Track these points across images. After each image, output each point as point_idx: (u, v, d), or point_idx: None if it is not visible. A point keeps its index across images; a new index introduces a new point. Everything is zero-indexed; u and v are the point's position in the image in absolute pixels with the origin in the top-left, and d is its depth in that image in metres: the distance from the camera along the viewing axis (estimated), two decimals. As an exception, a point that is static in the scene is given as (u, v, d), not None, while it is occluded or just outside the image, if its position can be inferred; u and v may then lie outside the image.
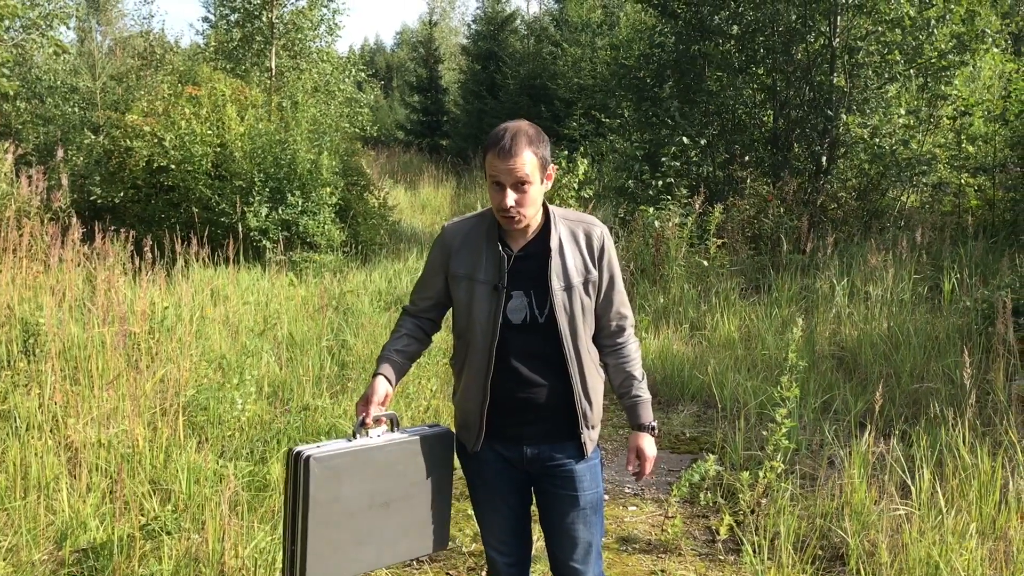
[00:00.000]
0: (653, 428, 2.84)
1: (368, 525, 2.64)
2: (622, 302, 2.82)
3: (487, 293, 2.69)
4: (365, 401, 2.68)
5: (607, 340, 2.83)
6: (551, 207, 2.78)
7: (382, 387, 2.71)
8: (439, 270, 2.81)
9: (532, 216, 2.66)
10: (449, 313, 2.89)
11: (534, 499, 2.90)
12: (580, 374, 2.71)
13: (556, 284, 2.67)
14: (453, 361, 2.85)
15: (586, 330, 2.74)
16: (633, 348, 2.86)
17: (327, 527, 2.55)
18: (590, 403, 2.75)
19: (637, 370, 2.85)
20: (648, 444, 2.83)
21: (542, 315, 2.68)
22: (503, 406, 2.71)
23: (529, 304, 2.68)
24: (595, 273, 2.72)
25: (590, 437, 2.78)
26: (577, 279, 2.69)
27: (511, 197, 2.58)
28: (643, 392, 2.85)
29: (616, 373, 2.85)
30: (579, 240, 2.72)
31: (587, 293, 2.71)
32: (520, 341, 2.69)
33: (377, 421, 2.68)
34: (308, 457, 2.49)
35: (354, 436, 2.64)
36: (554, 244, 2.69)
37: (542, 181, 2.65)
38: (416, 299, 2.91)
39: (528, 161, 2.57)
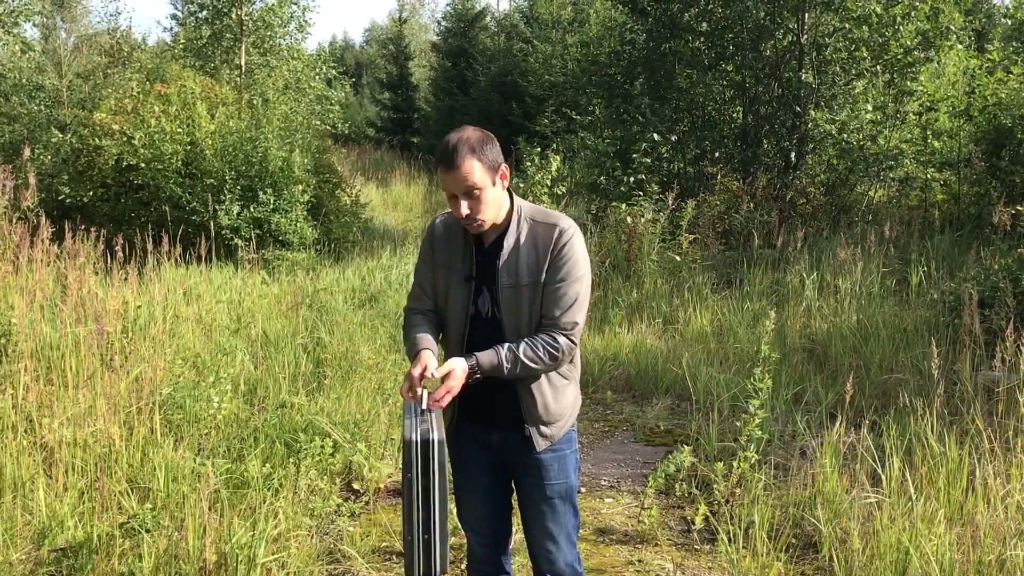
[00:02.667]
0: (474, 365, 2.67)
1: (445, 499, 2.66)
2: (562, 306, 2.71)
3: (460, 283, 2.81)
4: (420, 370, 2.66)
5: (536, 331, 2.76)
6: (522, 204, 2.82)
7: (431, 359, 2.72)
8: (428, 262, 2.90)
9: (493, 218, 2.73)
10: None
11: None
12: None
13: (504, 280, 2.73)
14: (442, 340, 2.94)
15: (535, 328, 2.74)
16: (539, 338, 2.70)
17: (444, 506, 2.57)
18: (535, 400, 2.77)
19: (523, 343, 2.69)
20: (456, 362, 2.66)
21: (498, 309, 2.76)
22: (471, 391, 2.73)
23: (491, 298, 2.77)
24: (546, 274, 2.72)
25: (539, 433, 2.80)
26: (527, 278, 2.71)
27: (465, 206, 2.66)
28: (504, 348, 2.69)
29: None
30: (538, 240, 2.74)
31: (538, 293, 2.72)
32: (482, 333, 2.77)
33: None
34: (439, 440, 2.50)
35: (423, 413, 2.63)
36: (508, 242, 2.74)
37: (494, 183, 2.69)
38: (416, 292, 2.95)
39: (474, 169, 2.63)
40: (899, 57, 10.84)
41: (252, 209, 10.67)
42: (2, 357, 5.29)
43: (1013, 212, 8.84)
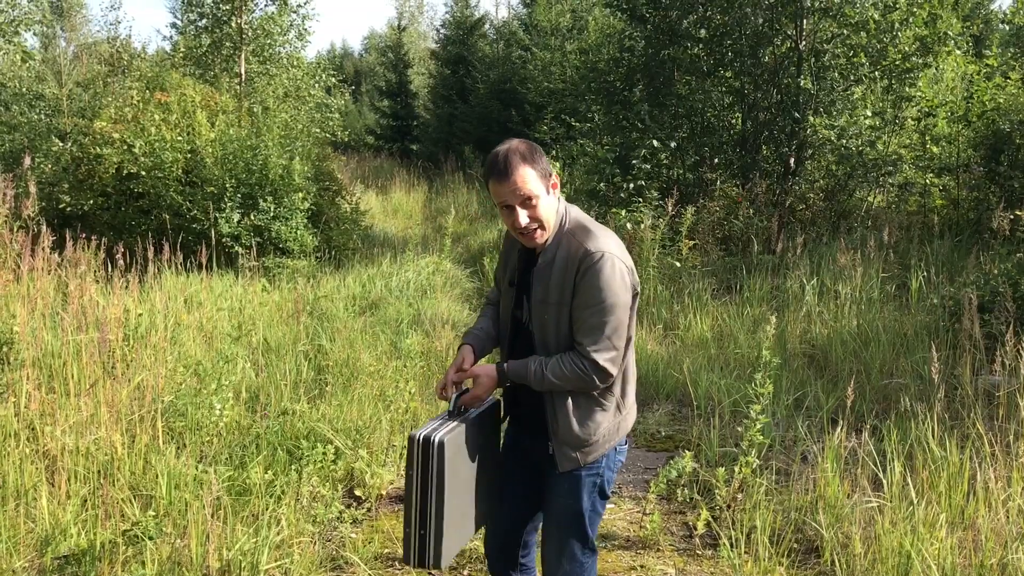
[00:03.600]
0: (503, 371, 2.75)
1: (468, 498, 2.76)
2: (586, 331, 2.65)
3: (507, 288, 2.91)
4: (455, 370, 2.83)
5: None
6: (570, 214, 2.76)
7: (468, 355, 2.87)
8: (500, 260, 3.05)
9: (553, 224, 2.71)
10: None
11: None
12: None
13: (537, 294, 2.72)
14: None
15: (563, 347, 2.71)
16: (569, 358, 2.68)
17: (450, 505, 2.62)
18: (558, 419, 2.73)
19: (553, 360, 2.69)
20: (483, 369, 2.77)
21: (530, 320, 2.79)
22: (514, 392, 2.87)
23: (528, 307, 2.80)
24: (570, 295, 2.66)
25: (561, 452, 2.75)
26: (555, 297, 2.67)
27: (523, 216, 2.63)
28: (534, 362, 2.71)
29: None
30: (570, 260, 2.66)
31: (564, 314, 2.68)
32: (525, 339, 2.83)
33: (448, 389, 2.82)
34: (439, 441, 2.56)
35: (451, 414, 2.72)
36: (546, 257, 2.71)
37: (548, 191, 2.68)
38: (492, 289, 3.17)
39: (528, 176, 2.60)
40: (897, 63, 10.87)
41: (252, 217, 10.67)
42: (4, 365, 5.30)
43: (1012, 217, 8.85)
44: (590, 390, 2.71)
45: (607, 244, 2.66)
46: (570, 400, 2.73)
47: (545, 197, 2.66)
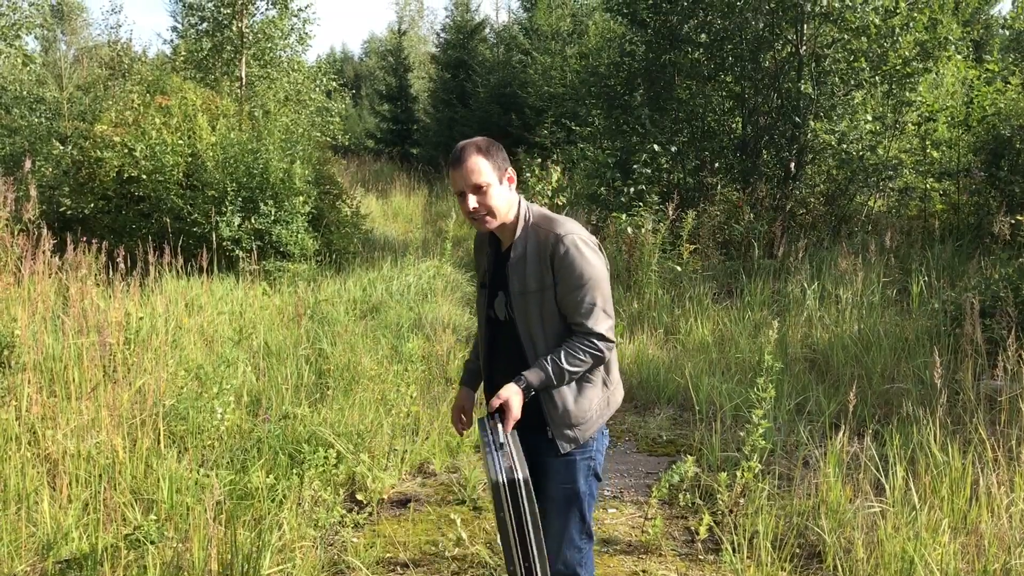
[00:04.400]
0: (526, 387, 2.77)
1: None
2: (582, 312, 2.78)
3: (479, 289, 3.08)
4: (457, 413, 3.19)
5: (568, 337, 2.83)
6: (531, 210, 2.91)
7: (467, 401, 3.19)
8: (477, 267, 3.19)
9: (503, 214, 2.84)
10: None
11: None
12: None
13: (515, 287, 2.85)
14: None
15: (547, 335, 2.84)
16: (577, 344, 2.79)
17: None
18: (555, 403, 2.84)
19: (562, 352, 2.78)
20: (509, 392, 2.76)
21: (512, 314, 2.89)
22: (498, 389, 2.85)
23: (506, 303, 2.91)
24: (550, 279, 2.80)
25: (563, 435, 2.86)
26: (534, 285, 2.81)
27: (472, 200, 2.78)
28: (547, 361, 2.78)
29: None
30: (541, 247, 2.82)
31: (547, 300, 2.82)
32: (503, 337, 2.96)
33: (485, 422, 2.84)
34: (524, 478, 2.59)
35: (500, 447, 2.70)
36: (517, 250, 2.85)
37: (501, 182, 2.82)
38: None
39: (479, 165, 2.77)
40: (898, 68, 10.88)
41: (253, 220, 10.67)
42: (5, 369, 5.30)
43: (1012, 222, 8.86)
44: (600, 365, 2.88)
45: (573, 227, 2.84)
46: (572, 387, 2.88)
47: (497, 187, 2.80)
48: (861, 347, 6.89)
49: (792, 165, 11.37)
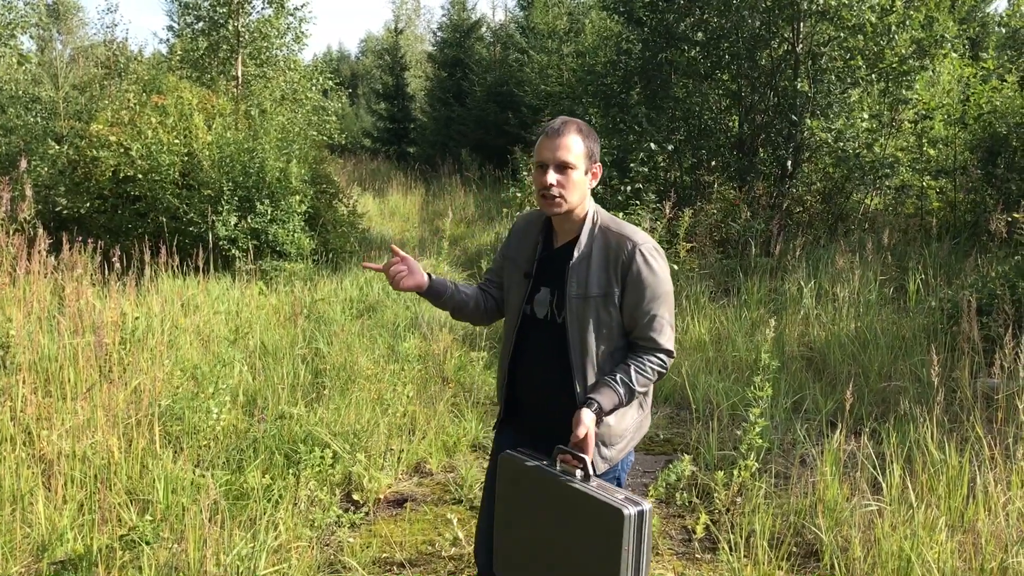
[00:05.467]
0: (598, 411, 2.59)
1: None
2: (654, 328, 2.65)
3: (520, 279, 2.82)
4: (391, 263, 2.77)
5: (629, 352, 2.72)
6: (599, 212, 2.75)
7: (417, 269, 2.78)
8: (503, 251, 2.96)
9: (575, 203, 2.67)
10: None
11: None
12: (584, 383, 2.65)
13: (573, 290, 2.66)
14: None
15: (600, 343, 2.65)
16: (646, 361, 2.66)
17: None
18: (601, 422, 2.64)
19: (632, 370, 2.65)
20: (583, 418, 2.55)
21: (559, 316, 2.70)
22: (521, 395, 2.80)
23: (551, 302, 2.73)
24: (617, 289, 2.64)
25: (600, 455, 2.67)
26: (596, 290, 2.64)
27: (552, 176, 2.62)
28: (617, 382, 2.62)
29: (618, 365, 2.70)
30: (610, 252, 2.65)
31: (606, 307, 2.64)
32: (539, 336, 2.76)
33: (569, 460, 2.54)
34: (650, 508, 2.39)
35: (588, 478, 2.49)
36: (580, 250, 2.68)
37: (586, 171, 2.68)
38: (485, 275, 3.06)
39: (573, 144, 2.63)
40: (894, 66, 10.88)
41: (249, 220, 10.65)
42: (0, 369, 5.28)
43: (1009, 219, 8.86)
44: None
45: (646, 237, 2.70)
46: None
47: (581, 174, 2.66)
48: (858, 345, 6.89)
49: (789, 163, 11.37)
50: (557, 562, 2.51)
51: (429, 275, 2.80)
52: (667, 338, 2.67)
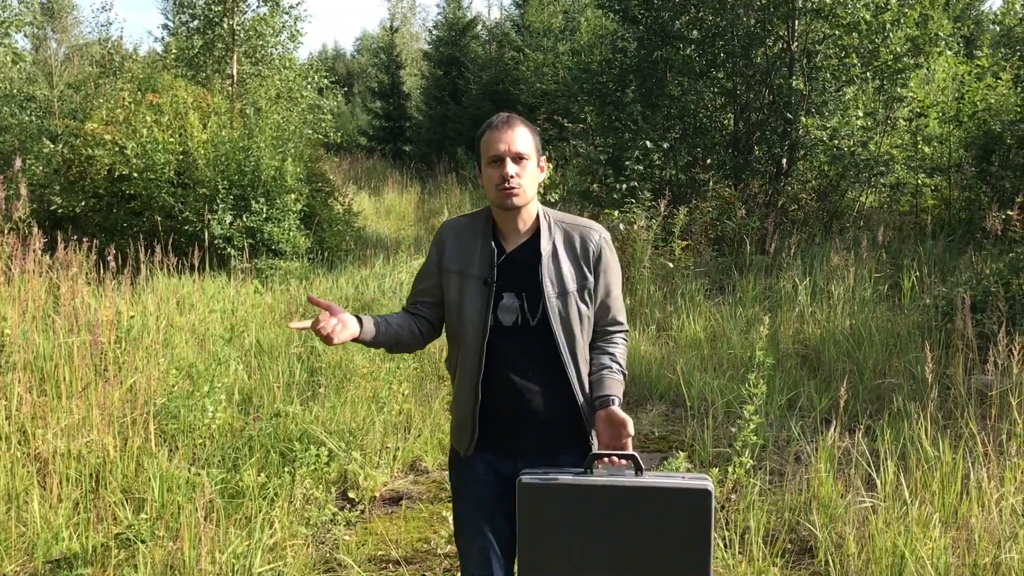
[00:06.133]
0: (619, 401, 2.60)
1: None
2: (619, 309, 2.73)
3: (478, 289, 2.62)
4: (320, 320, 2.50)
5: (596, 340, 2.72)
6: (546, 209, 2.72)
7: (348, 318, 2.53)
8: (433, 267, 2.73)
9: (531, 196, 2.61)
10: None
11: None
12: (578, 378, 2.62)
13: (550, 289, 2.59)
14: (448, 363, 2.77)
15: (583, 337, 2.64)
16: (620, 342, 2.74)
17: None
18: (591, 408, 2.63)
19: (618, 355, 2.69)
20: (622, 414, 2.54)
21: (534, 318, 2.60)
22: (495, 412, 2.62)
23: (521, 307, 2.61)
24: (591, 280, 2.64)
25: (578, 450, 2.64)
26: (572, 285, 2.61)
27: (511, 167, 2.54)
28: (616, 371, 2.65)
29: (598, 356, 2.69)
30: (575, 245, 2.65)
31: (583, 300, 2.63)
32: (511, 345, 2.61)
33: (614, 461, 2.48)
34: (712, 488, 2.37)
35: (641, 471, 2.42)
36: (546, 248, 2.62)
37: (538, 163, 2.63)
38: (411, 298, 2.80)
39: (525, 136, 2.58)
40: (889, 63, 10.90)
41: (245, 218, 10.65)
42: (-5, 368, 5.28)
43: (1003, 217, 8.88)
44: None
45: (600, 225, 2.74)
46: (581, 393, 2.65)
47: (534, 166, 2.61)
48: (853, 342, 6.90)
49: (784, 161, 11.38)
50: (626, 572, 2.42)
51: (358, 317, 2.59)
52: (625, 315, 2.77)
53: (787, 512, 4.45)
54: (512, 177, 2.53)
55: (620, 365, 2.68)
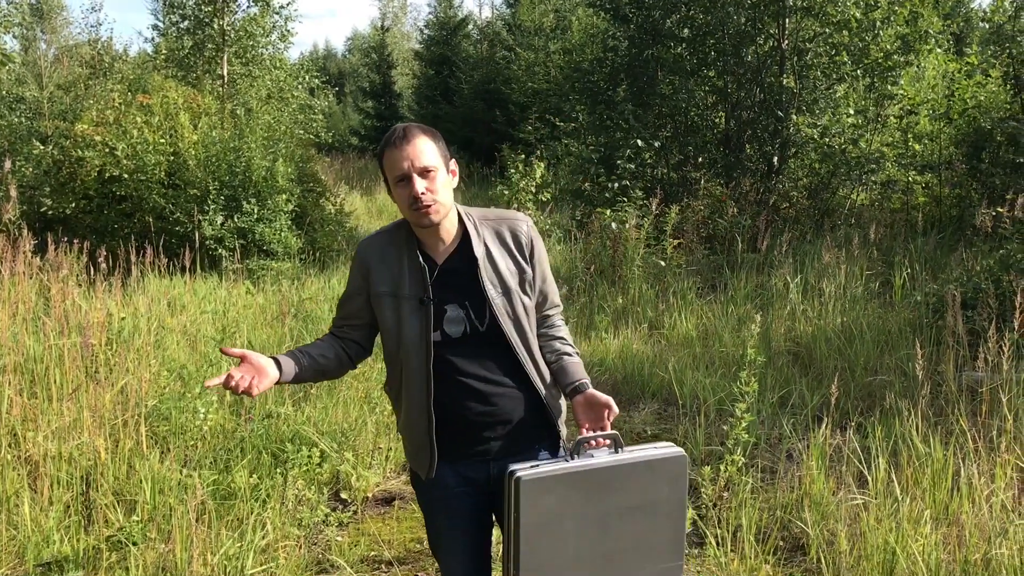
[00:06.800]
0: (589, 383, 2.64)
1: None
2: (554, 291, 2.72)
3: (415, 309, 2.51)
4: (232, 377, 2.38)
5: (540, 326, 2.71)
6: (466, 209, 2.64)
7: (263, 363, 2.43)
8: (360, 290, 2.61)
9: (448, 206, 2.50)
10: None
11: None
12: (538, 372, 2.59)
13: (493, 292, 2.51)
14: (387, 388, 2.67)
15: (531, 328, 2.60)
16: (563, 325, 2.75)
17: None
18: (554, 398, 2.64)
19: (568, 338, 2.73)
20: (598, 393, 2.57)
21: (483, 324, 2.52)
22: (456, 425, 2.53)
23: (467, 316, 2.51)
24: (529, 272, 2.59)
25: (559, 432, 2.67)
26: (513, 281, 2.55)
27: (420, 183, 2.42)
28: (575, 359, 2.68)
29: (548, 342, 2.70)
30: (507, 240, 2.59)
31: (525, 292, 2.58)
32: (462, 354, 2.52)
33: (597, 443, 2.49)
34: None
35: (620, 447, 2.49)
36: (480, 251, 2.54)
37: (447, 171, 2.52)
38: (337, 321, 2.71)
39: (427, 147, 2.45)
40: (879, 61, 10.93)
41: (236, 219, 10.63)
42: (-15, 371, 5.25)
43: (994, 213, 8.91)
44: None
45: (522, 213, 2.71)
46: (544, 387, 2.63)
47: (444, 174, 2.49)
48: (844, 340, 6.92)
49: (775, 159, 11.41)
50: (616, 549, 2.47)
51: (275, 359, 2.48)
52: (558, 294, 2.76)
53: (779, 510, 4.46)
54: (423, 194, 2.42)
55: (572, 347, 2.73)
